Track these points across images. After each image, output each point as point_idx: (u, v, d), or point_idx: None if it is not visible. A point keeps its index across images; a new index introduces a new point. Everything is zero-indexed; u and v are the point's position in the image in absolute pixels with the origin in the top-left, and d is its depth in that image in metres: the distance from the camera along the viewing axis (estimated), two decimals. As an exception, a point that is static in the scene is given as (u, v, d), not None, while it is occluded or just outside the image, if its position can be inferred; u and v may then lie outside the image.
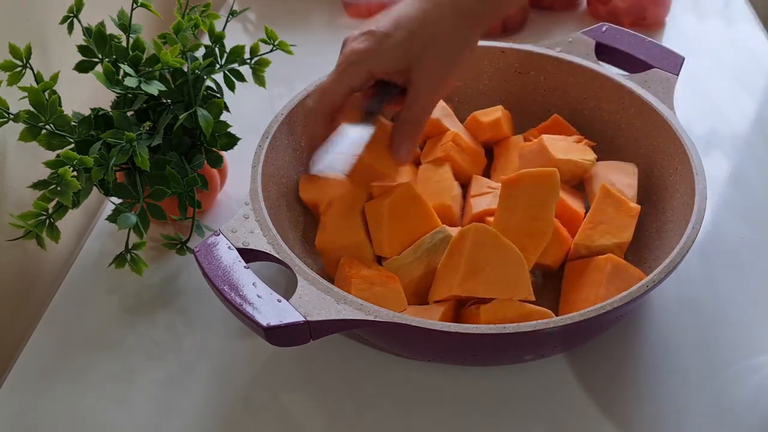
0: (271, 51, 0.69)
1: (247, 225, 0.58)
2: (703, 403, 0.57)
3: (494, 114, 0.72)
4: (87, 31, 0.65)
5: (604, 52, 0.74)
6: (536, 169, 0.61)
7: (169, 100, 0.66)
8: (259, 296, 0.52)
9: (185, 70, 0.65)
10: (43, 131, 0.60)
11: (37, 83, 0.60)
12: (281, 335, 0.50)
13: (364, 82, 0.59)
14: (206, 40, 0.70)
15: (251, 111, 0.80)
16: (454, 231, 0.61)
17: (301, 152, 0.70)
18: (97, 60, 0.65)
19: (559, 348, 0.59)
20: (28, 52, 0.60)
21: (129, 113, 0.64)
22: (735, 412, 0.56)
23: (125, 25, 0.66)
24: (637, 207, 0.62)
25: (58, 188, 0.56)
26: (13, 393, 0.60)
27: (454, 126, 0.71)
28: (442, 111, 0.71)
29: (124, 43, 0.66)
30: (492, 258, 0.56)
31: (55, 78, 0.60)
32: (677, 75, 0.69)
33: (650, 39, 0.73)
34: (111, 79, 0.62)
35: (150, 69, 0.63)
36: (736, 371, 0.59)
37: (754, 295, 0.65)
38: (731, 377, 0.59)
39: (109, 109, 0.65)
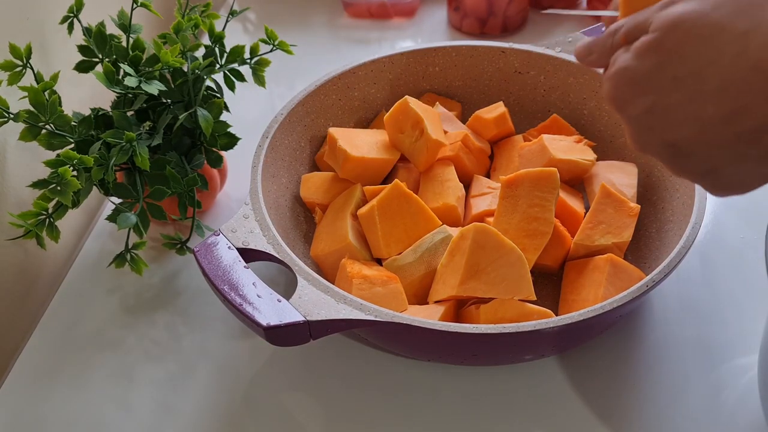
0: (271, 51, 0.69)
1: (247, 225, 0.58)
2: (702, 403, 0.57)
3: (498, 110, 0.72)
4: (87, 31, 0.65)
5: (604, 52, 0.73)
6: (536, 169, 0.61)
7: (169, 100, 0.66)
8: (259, 296, 0.52)
9: (185, 70, 0.65)
10: (43, 131, 0.60)
11: (37, 83, 0.60)
12: (281, 335, 0.50)
13: None
14: (206, 40, 0.70)
15: (251, 111, 0.80)
16: (454, 231, 0.61)
17: (301, 152, 0.70)
18: (97, 60, 0.65)
19: (559, 348, 0.59)
20: (28, 52, 0.60)
21: (129, 113, 0.64)
22: (731, 412, 0.56)
23: (125, 25, 0.66)
24: (637, 207, 0.62)
25: (58, 188, 0.56)
26: (13, 393, 0.60)
27: (456, 128, 0.71)
28: (443, 116, 0.71)
29: (124, 43, 0.66)
30: (493, 258, 0.56)
31: (55, 78, 0.60)
32: (677, 75, 0.69)
33: (650, 39, 0.72)
34: (111, 79, 0.62)
35: (150, 69, 0.63)
36: (735, 370, 0.59)
37: (753, 295, 0.65)
38: (730, 376, 0.59)
39: (109, 109, 0.65)
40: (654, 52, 0.38)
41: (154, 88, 0.62)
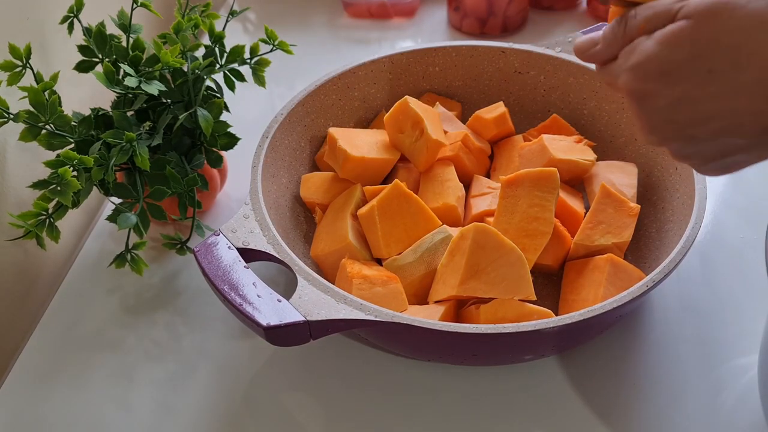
0: (271, 51, 0.69)
1: (247, 225, 0.58)
2: (702, 403, 0.57)
3: (498, 110, 0.72)
4: (87, 31, 0.65)
5: (604, 52, 0.73)
6: (536, 169, 0.61)
7: (169, 100, 0.66)
8: (259, 296, 0.52)
9: (185, 70, 0.65)
10: (43, 131, 0.60)
11: (37, 83, 0.60)
12: (281, 335, 0.50)
13: None
14: (206, 40, 0.70)
15: (251, 111, 0.80)
16: (454, 231, 0.61)
17: (301, 152, 0.70)
18: (97, 60, 0.65)
19: (559, 348, 0.59)
20: (28, 52, 0.60)
21: (129, 113, 0.64)
22: (731, 412, 0.56)
23: (125, 25, 0.66)
24: (637, 207, 0.62)
25: (58, 188, 0.56)
26: (13, 393, 0.60)
27: (456, 128, 0.71)
28: (443, 116, 0.71)
29: (124, 43, 0.66)
30: (493, 258, 0.56)
31: (55, 78, 0.60)
32: (677, 75, 0.69)
33: (650, 39, 0.72)
34: (111, 79, 0.62)
35: (150, 69, 0.63)
36: (735, 370, 0.59)
37: (753, 295, 0.65)
38: (730, 376, 0.59)
39: (109, 109, 0.65)
40: (688, 41, 0.36)
41: (154, 88, 0.62)
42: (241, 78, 0.70)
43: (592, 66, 0.71)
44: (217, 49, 0.69)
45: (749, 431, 0.55)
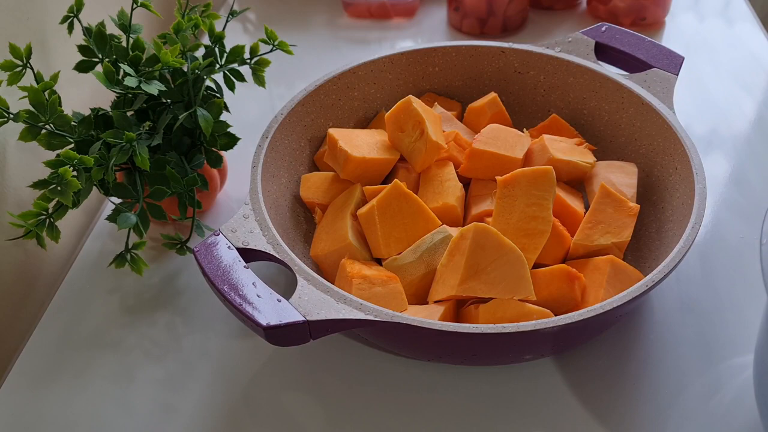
0: (271, 51, 0.69)
1: (247, 225, 0.58)
2: (701, 402, 0.57)
3: (488, 97, 0.72)
4: (87, 31, 0.65)
5: (603, 52, 0.74)
6: (531, 168, 0.61)
7: (169, 100, 0.66)
8: (258, 296, 0.52)
9: (185, 70, 0.65)
10: (43, 131, 0.60)
11: (37, 83, 0.60)
12: (281, 335, 0.50)
13: None
14: (206, 40, 0.70)
15: (251, 111, 0.80)
16: (454, 231, 0.61)
17: (301, 152, 0.70)
18: (97, 60, 0.65)
19: (559, 348, 0.59)
20: (28, 52, 0.60)
21: (129, 113, 0.64)
22: (728, 410, 0.56)
23: (125, 25, 0.66)
24: (637, 207, 0.62)
25: (58, 188, 0.56)
26: (13, 393, 0.60)
27: (453, 127, 0.71)
28: (443, 116, 0.71)
29: (124, 43, 0.66)
30: (492, 258, 0.56)
31: (55, 78, 0.60)
32: (677, 75, 0.69)
33: (650, 39, 0.73)
34: (111, 79, 0.62)
35: (150, 69, 0.63)
36: (733, 369, 0.59)
37: (753, 294, 0.65)
38: (728, 375, 0.59)
39: (109, 109, 0.65)
40: None
41: (154, 88, 0.62)
42: (241, 78, 0.70)
43: (592, 65, 0.72)
44: (217, 49, 0.69)
45: (745, 430, 0.55)
